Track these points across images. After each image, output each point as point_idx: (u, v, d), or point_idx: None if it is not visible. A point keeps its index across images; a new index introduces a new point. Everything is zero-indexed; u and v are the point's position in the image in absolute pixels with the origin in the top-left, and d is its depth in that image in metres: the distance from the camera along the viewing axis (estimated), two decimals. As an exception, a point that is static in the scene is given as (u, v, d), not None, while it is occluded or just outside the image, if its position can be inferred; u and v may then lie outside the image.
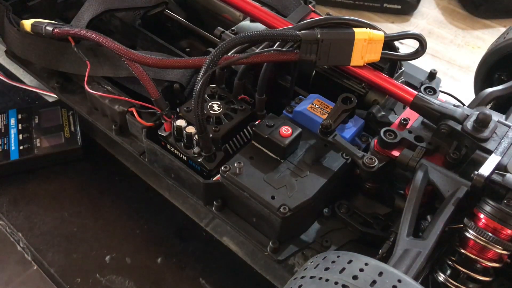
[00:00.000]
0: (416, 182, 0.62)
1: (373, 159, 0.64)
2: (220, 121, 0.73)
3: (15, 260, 0.83)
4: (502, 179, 0.57)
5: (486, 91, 0.74)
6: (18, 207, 0.87)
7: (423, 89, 0.71)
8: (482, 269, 0.60)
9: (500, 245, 0.57)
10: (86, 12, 0.84)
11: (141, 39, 0.94)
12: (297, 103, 0.75)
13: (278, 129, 0.68)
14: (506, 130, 0.64)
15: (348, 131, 0.71)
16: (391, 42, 0.73)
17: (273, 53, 0.66)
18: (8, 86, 1.05)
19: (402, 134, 0.67)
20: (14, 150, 0.90)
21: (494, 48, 0.94)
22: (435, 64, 1.41)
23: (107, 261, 0.81)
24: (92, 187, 0.91)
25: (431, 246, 0.56)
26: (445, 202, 0.61)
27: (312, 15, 0.85)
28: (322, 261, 0.52)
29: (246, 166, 0.67)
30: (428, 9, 1.63)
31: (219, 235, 0.85)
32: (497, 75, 0.97)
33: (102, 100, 0.81)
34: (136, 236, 0.84)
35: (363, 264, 0.49)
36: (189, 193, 0.75)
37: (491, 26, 1.58)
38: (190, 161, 0.73)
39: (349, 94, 0.70)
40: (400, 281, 0.46)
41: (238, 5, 0.85)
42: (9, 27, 0.86)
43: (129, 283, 0.78)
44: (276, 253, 0.68)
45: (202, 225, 0.86)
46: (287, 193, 0.64)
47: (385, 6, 1.58)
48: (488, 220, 0.57)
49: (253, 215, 0.69)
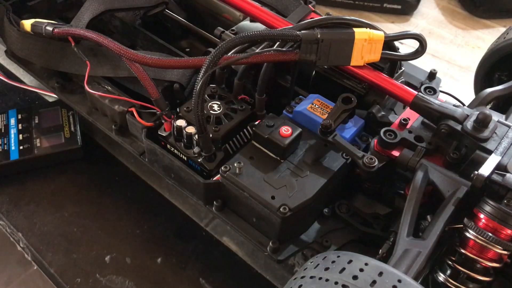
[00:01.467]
0: (416, 182, 0.62)
1: (373, 159, 0.64)
2: (220, 121, 0.73)
3: (15, 260, 0.83)
4: (502, 179, 0.57)
5: (486, 91, 0.74)
6: (18, 207, 0.87)
7: (423, 89, 0.72)
8: (482, 269, 0.60)
9: (500, 245, 0.57)
10: (86, 12, 0.84)
11: (141, 39, 0.94)
12: (297, 103, 0.75)
13: (278, 129, 0.68)
14: (506, 130, 0.64)
15: (348, 131, 0.71)
16: (391, 42, 0.73)
17: (273, 53, 0.66)
18: (8, 86, 1.05)
19: (402, 134, 0.67)
20: (14, 150, 0.90)
21: (494, 48, 0.94)
22: (435, 64, 1.41)
23: (107, 261, 0.81)
24: (92, 187, 0.91)
25: (431, 246, 0.56)
26: (445, 202, 0.61)
27: (312, 15, 0.85)
28: (322, 261, 0.52)
29: (246, 166, 0.67)
30: (428, 9, 1.63)
31: (219, 235, 0.85)
32: (497, 75, 0.97)
33: (102, 100, 0.81)
34: (136, 236, 0.84)
35: (363, 264, 0.49)
36: (189, 193, 0.75)
37: (491, 26, 1.58)
38: (190, 161, 0.73)
39: (349, 94, 0.70)
40: (400, 281, 0.47)
41: (238, 5, 0.85)
42: (9, 27, 0.86)
43: (129, 283, 0.78)
44: (276, 253, 0.68)
45: (202, 225, 0.86)
46: (287, 193, 0.64)
47: (385, 6, 1.58)
48: (488, 220, 0.57)
49: (253, 215, 0.69)
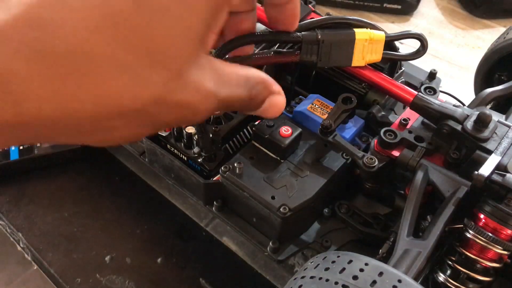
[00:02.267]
0: (416, 182, 0.62)
1: (373, 159, 0.64)
2: (220, 121, 0.73)
3: (15, 260, 0.83)
4: (502, 179, 0.57)
5: (486, 91, 0.74)
6: (18, 207, 0.87)
7: (423, 89, 0.72)
8: (482, 269, 0.60)
9: (500, 245, 0.57)
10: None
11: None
12: (297, 103, 0.75)
13: (278, 129, 0.68)
14: (506, 130, 0.64)
15: (348, 131, 0.71)
16: (392, 42, 0.73)
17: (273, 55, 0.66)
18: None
19: (402, 134, 0.67)
20: (14, 150, 0.90)
21: (494, 48, 0.94)
22: (435, 64, 1.41)
23: (107, 261, 0.81)
24: (92, 187, 0.91)
25: (431, 246, 0.56)
26: (445, 202, 0.61)
27: (312, 15, 0.85)
28: (322, 261, 0.52)
29: (246, 166, 0.67)
30: (428, 9, 1.63)
31: (219, 235, 0.85)
32: (497, 75, 0.97)
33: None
34: (136, 236, 0.84)
35: (363, 264, 0.49)
36: (189, 193, 0.75)
37: (491, 26, 1.58)
38: (190, 161, 0.73)
39: (349, 94, 0.70)
40: (400, 281, 0.46)
41: (238, 5, 0.84)
42: None
43: (129, 283, 0.78)
44: (276, 253, 0.68)
45: (202, 225, 0.86)
46: (287, 193, 0.64)
47: (385, 6, 1.58)
48: (488, 220, 0.57)
49: (253, 215, 0.69)
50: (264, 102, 0.37)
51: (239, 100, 0.34)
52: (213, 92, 0.31)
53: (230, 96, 0.33)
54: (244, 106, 0.36)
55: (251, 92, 0.35)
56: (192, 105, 0.29)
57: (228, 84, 0.32)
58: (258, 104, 0.37)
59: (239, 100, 0.34)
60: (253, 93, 0.35)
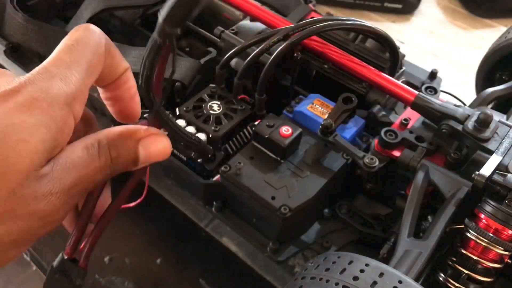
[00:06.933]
0: (417, 182, 0.62)
1: (373, 159, 0.64)
2: (220, 121, 0.73)
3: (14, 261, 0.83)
4: (503, 180, 0.57)
5: (487, 91, 0.74)
6: (17, 207, 0.86)
7: (424, 89, 0.71)
8: (483, 269, 0.59)
9: (501, 245, 0.57)
10: (85, 11, 0.84)
11: (140, 38, 0.94)
12: (297, 103, 0.74)
13: (278, 129, 0.67)
14: (507, 130, 0.64)
15: (348, 131, 0.71)
16: (392, 41, 0.72)
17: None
18: (7, 86, 1.04)
19: (403, 134, 0.67)
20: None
21: (495, 48, 0.94)
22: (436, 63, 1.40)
23: (106, 261, 0.80)
24: (92, 187, 0.90)
25: (432, 246, 0.56)
26: (446, 202, 0.60)
27: (312, 14, 0.85)
28: (322, 261, 0.51)
29: (246, 166, 0.67)
30: (429, 8, 1.62)
31: (219, 235, 0.84)
32: (498, 75, 0.97)
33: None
34: (136, 236, 0.84)
35: (364, 265, 0.48)
36: (189, 194, 0.74)
37: (492, 25, 1.57)
38: (189, 161, 0.72)
39: (350, 94, 0.69)
40: (401, 282, 0.46)
41: (238, 4, 0.84)
42: (13, 13, 0.85)
43: (128, 284, 0.78)
44: (276, 253, 0.68)
45: (202, 225, 0.86)
46: (288, 193, 0.64)
47: (385, 6, 1.57)
48: (489, 220, 0.57)
49: (253, 216, 0.68)
50: (137, 153, 0.34)
51: (96, 172, 0.31)
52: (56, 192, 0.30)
53: (78, 179, 0.31)
54: (114, 171, 0.32)
55: (105, 155, 0.32)
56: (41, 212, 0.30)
57: (72, 170, 0.31)
58: (129, 161, 0.33)
59: (97, 172, 0.31)
60: (112, 155, 0.32)
